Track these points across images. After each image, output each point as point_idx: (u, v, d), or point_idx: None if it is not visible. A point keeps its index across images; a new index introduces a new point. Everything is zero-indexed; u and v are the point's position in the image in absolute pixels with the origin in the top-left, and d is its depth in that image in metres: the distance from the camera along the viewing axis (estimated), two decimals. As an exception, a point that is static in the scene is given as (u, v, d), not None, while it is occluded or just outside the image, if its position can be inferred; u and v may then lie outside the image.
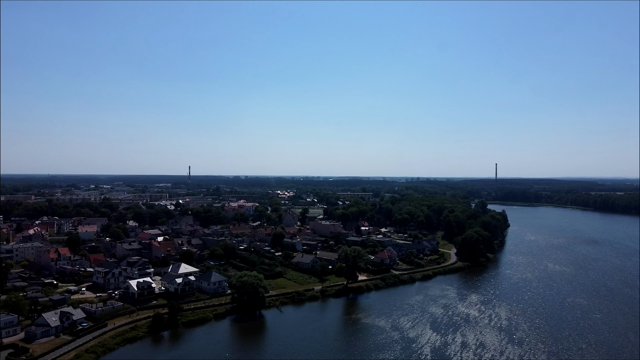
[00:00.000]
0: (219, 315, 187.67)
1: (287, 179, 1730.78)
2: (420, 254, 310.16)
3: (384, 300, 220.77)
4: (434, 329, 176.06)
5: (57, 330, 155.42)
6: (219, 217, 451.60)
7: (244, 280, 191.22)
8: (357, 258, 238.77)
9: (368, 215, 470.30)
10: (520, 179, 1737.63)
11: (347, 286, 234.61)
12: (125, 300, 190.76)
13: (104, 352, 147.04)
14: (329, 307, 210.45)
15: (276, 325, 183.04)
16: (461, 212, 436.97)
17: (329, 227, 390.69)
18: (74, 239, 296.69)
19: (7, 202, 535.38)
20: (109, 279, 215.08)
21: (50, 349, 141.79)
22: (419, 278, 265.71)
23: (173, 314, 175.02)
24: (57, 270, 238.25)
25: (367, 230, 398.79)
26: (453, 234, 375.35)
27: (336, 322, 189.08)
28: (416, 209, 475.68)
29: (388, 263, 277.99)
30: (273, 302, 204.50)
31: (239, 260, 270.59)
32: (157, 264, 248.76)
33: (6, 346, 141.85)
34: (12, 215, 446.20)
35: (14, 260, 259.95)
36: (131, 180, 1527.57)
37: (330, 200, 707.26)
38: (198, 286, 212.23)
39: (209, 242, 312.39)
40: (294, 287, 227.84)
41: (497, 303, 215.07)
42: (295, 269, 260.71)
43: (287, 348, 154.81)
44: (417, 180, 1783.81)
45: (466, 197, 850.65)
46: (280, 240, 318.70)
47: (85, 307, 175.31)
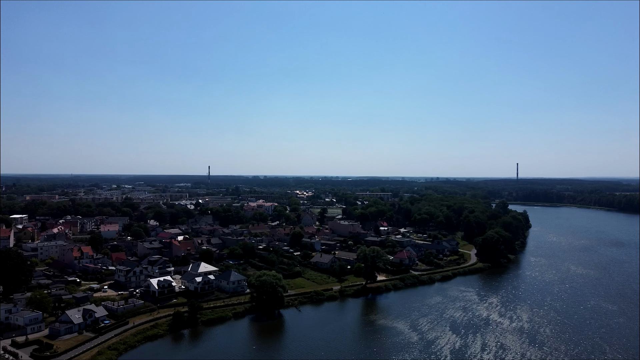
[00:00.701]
0: (238, 314, 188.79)
1: (306, 179, 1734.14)
2: (439, 255, 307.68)
3: (403, 301, 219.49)
4: (453, 331, 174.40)
5: (80, 327, 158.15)
6: (238, 216, 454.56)
7: (263, 280, 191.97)
8: (376, 258, 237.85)
9: (387, 216, 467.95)
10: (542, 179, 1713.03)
11: (365, 286, 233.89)
12: (146, 299, 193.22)
13: (126, 349, 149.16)
14: (348, 307, 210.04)
15: (295, 324, 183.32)
16: (481, 213, 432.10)
17: (348, 227, 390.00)
18: (97, 237, 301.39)
19: (32, 202, 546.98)
20: (131, 278, 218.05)
21: (73, 345, 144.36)
22: (439, 279, 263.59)
23: (193, 312, 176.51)
24: (80, 269, 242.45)
25: (386, 231, 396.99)
26: (473, 235, 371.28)
27: (355, 322, 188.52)
28: (436, 209, 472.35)
29: (407, 263, 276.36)
30: (292, 302, 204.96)
31: (257, 259, 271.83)
32: (177, 262, 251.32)
33: (31, 342, 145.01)
34: (37, 215, 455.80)
35: (39, 259, 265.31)
36: (152, 180, 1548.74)
37: (349, 200, 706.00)
38: (217, 285, 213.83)
39: (228, 241, 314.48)
40: (313, 286, 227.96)
41: (518, 305, 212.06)
42: (313, 268, 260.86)
43: (305, 348, 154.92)
44: (436, 180, 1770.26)
45: (486, 197, 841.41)
46: (299, 240, 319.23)
47: (107, 305, 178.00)
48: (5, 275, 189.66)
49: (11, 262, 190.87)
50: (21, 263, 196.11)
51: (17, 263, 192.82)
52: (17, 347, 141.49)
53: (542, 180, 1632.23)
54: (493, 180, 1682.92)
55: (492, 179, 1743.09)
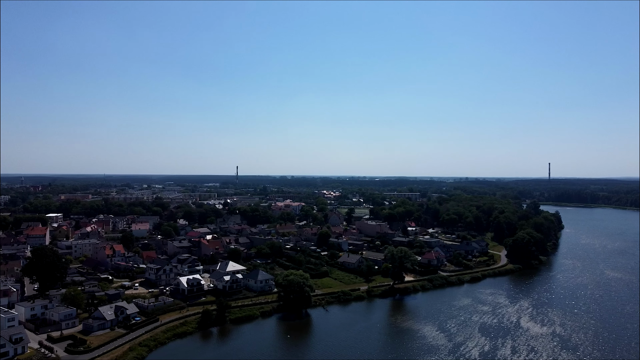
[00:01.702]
0: (266, 313, 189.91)
1: (333, 179, 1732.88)
2: (468, 256, 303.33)
3: (431, 302, 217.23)
4: (482, 333, 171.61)
5: (112, 323, 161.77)
6: (266, 216, 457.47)
7: (291, 279, 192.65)
8: (404, 258, 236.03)
9: (415, 216, 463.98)
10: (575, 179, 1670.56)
11: (393, 287, 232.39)
12: (175, 296, 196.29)
13: (156, 346, 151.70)
14: (375, 308, 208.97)
15: (322, 324, 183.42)
16: (512, 213, 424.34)
17: (375, 227, 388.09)
18: (128, 236, 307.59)
19: (67, 201, 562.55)
20: (161, 276, 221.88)
21: (105, 341, 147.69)
22: (468, 280, 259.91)
23: (221, 310, 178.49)
24: (112, 266, 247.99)
25: (413, 231, 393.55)
26: (503, 236, 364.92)
27: (382, 322, 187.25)
28: (464, 209, 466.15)
29: (435, 264, 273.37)
30: (319, 301, 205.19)
31: (285, 259, 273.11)
32: (206, 261, 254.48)
33: (66, 337, 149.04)
34: (71, 213, 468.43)
35: (73, 256, 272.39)
36: (181, 180, 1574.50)
37: (376, 200, 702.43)
38: (245, 284, 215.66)
39: (256, 240, 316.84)
40: (340, 286, 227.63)
41: (550, 308, 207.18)
42: (341, 268, 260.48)
43: (332, 348, 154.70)
44: (465, 180, 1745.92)
45: (517, 197, 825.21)
46: (326, 240, 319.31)
47: (138, 302, 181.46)
48: (42, 272, 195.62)
49: (47, 260, 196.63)
50: (56, 260, 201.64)
51: (52, 260, 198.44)
52: (53, 341, 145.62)
53: (575, 180, 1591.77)
54: (524, 180, 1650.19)
55: (523, 179, 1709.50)
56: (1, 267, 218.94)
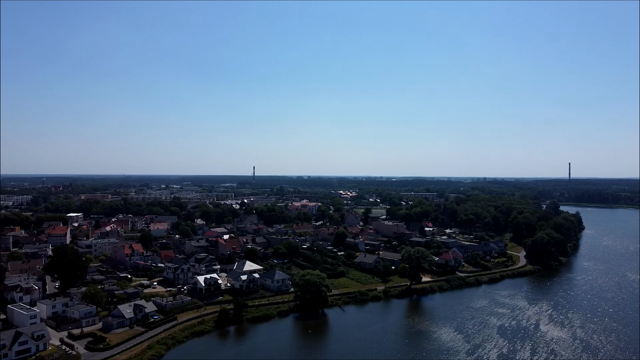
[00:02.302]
0: (283, 313, 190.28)
1: (350, 179, 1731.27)
2: (486, 256, 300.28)
3: (448, 303, 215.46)
4: (501, 335, 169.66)
5: (131, 321, 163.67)
6: (283, 216, 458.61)
7: (307, 279, 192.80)
8: (421, 259, 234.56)
9: (432, 216, 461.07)
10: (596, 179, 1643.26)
11: (410, 287, 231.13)
12: (193, 295, 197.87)
13: (174, 344, 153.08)
14: (392, 308, 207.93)
15: (338, 324, 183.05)
16: (531, 214, 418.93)
17: (392, 228, 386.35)
18: (147, 235, 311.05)
19: (87, 201, 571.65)
20: (178, 275, 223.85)
21: (125, 339, 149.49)
22: (486, 281, 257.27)
23: (238, 309, 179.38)
24: (131, 265, 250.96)
25: (431, 231, 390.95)
26: (522, 236, 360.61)
27: (399, 323, 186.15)
28: (482, 209, 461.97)
29: (453, 265, 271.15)
30: (335, 301, 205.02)
31: (302, 259, 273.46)
32: (223, 261, 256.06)
33: (86, 334, 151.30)
34: (91, 213, 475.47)
35: (93, 255, 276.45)
36: (199, 180, 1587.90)
37: (393, 200, 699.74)
38: (262, 283, 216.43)
39: (273, 240, 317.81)
40: (357, 286, 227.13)
41: (570, 310, 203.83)
42: (357, 268, 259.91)
43: (348, 348, 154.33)
44: (483, 180, 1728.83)
45: (536, 198, 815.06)
46: (342, 240, 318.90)
47: (156, 301, 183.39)
48: (63, 271, 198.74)
49: (68, 258, 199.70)
50: (77, 259, 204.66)
51: (73, 259, 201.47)
52: (73, 339, 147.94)
53: (596, 180, 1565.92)
54: (543, 180, 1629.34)
55: (542, 179, 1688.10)
56: (24, 265, 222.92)
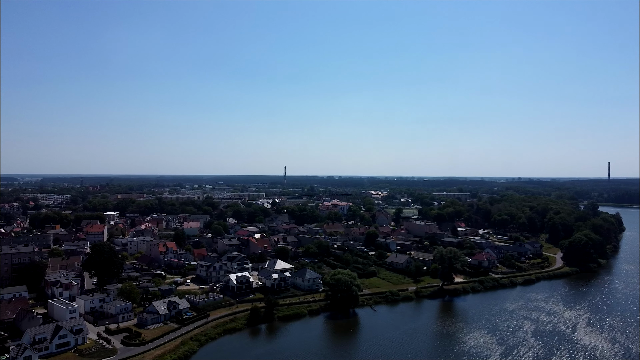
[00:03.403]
0: (313, 312, 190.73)
1: (381, 179, 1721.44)
2: (521, 257, 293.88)
3: (481, 304, 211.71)
4: (536, 337, 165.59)
5: (165, 318, 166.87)
6: (313, 215, 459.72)
7: (338, 278, 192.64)
8: (453, 259, 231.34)
9: (465, 216, 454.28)
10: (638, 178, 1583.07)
11: (442, 288, 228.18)
12: (225, 293, 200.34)
13: (207, 340, 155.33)
14: (424, 309, 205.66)
15: (369, 324, 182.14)
16: (568, 214, 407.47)
17: (424, 228, 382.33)
18: (180, 234, 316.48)
19: (123, 200, 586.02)
20: (211, 273, 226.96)
21: (159, 334, 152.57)
22: (520, 282, 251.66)
23: (269, 308, 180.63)
24: (165, 263, 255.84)
25: (463, 232, 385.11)
26: (559, 237, 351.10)
27: (430, 323, 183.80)
28: (517, 210, 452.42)
29: (486, 265, 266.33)
30: (366, 301, 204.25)
31: (332, 258, 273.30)
32: (255, 259, 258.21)
33: (122, 330, 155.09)
34: (126, 212, 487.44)
35: (129, 253, 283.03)
36: (231, 180, 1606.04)
37: (424, 200, 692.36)
38: (293, 282, 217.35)
39: (304, 240, 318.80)
40: (388, 286, 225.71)
41: (610, 314, 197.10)
42: (388, 268, 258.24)
43: (379, 348, 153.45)
44: (518, 180, 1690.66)
45: (574, 198, 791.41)
46: (373, 240, 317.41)
47: (189, 298, 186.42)
48: (100, 267, 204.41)
49: (105, 256, 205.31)
50: (113, 256, 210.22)
51: (109, 256, 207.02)
52: (110, 333, 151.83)
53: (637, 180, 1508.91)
54: (581, 180, 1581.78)
55: (580, 179, 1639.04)
56: (63, 262, 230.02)
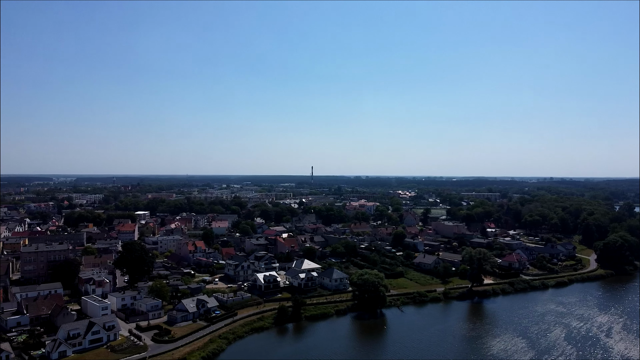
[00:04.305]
0: (340, 312, 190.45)
1: (409, 179, 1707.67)
2: (553, 259, 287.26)
3: (511, 307, 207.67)
4: (569, 341, 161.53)
5: (194, 315, 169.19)
6: (340, 215, 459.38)
7: (365, 278, 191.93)
8: (483, 260, 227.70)
9: (494, 217, 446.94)
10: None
11: (471, 289, 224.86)
12: (252, 292, 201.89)
13: (234, 339, 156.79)
14: (452, 310, 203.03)
15: (396, 324, 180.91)
16: (602, 215, 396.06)
17: (452, 228, 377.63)
18: (209, 233, 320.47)
19: (153, 200, 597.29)
20: (239, 272, 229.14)
21: (188, 332, 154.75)
22: (552, 285, 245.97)
23: (297, 307, 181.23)
24: (194, 262, 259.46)
25: (493, 232, 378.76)
26: (593, 239, 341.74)
27: (459, 325, 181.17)
28: (549, 210, 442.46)
29: (517, 267, 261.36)
30: (394, 302, 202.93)
31: (359, 258, 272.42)
32: (282, 259, 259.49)
33: (152, 327, 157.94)
34: (157, 211, 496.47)
35: (159, 251, 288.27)
36: (258, 180, 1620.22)
37: (453, 200, 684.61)
38: (320, 282, 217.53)
39: (331, 239, 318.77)
40: (415, 287, 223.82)
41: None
42: (416, 269, 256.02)
43: (406, 349, 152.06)
44: (550, 180, 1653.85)
45: (608, 198, 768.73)
46: (401, 240, 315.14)
47: (217, 297, 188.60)
48: (131, 265, 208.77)
49: (136, 254, 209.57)
50: (144, 255, 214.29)
51: (140, 255, 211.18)
52: (141, 330, 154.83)
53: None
54: (616, 180, 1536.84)
55: (615, 179, 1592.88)
56: (96, 259, 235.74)
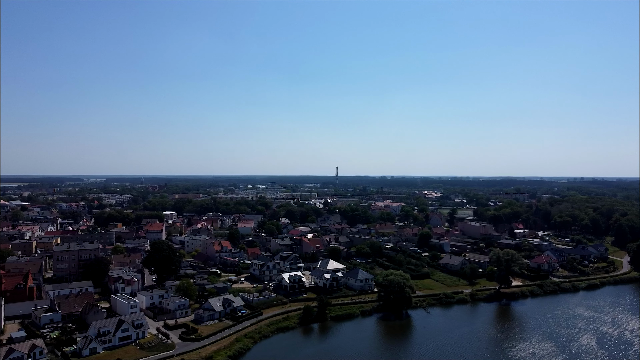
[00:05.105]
0: (366, 312, 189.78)
1: (434, 179, 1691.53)
2: (584, 261, 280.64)
3: (541, 309, 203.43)
4: (600, 346, 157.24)
5: (220, 315, 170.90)
6: (365, 216, 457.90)
7: (391, 279, 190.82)
8: (511, 262, 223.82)
9: (523, 217, 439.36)
10: None
11: (499, 291, 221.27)
12: (278, 292, 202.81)
13: (260, 338, 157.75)
14: (479, 312, 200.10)
15: (422, 326, 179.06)
16: (636, 216, 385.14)
17: (479, 229, 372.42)
18: (234, 233, 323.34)
19: (180, 200, 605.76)
20: (264, 271, 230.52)
21: (214, 331, 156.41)
22: (583, 287, 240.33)
23: (322, 307, 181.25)
24: (220, 261, 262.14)
25: (521, 233, 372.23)
26: (626, 240, 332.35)
27: (486, 328, 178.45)
28: (580, 211, 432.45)
29: (546, 269, 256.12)
30: (420, 303, 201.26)
31: (385, 259, 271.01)
32: (307, 259, 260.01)
33: (179, 325, 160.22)
34: (184, 211, 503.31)
35: (186, 251, 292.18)
36: (283, 180, 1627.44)
37: (480, 201, 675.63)
38: (345, 282, 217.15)
39: (356, 240, 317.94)
40: (442, 288, 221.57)
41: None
42: (442, 270, 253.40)
43: (432, 351, 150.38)
44: (580, 180, 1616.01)
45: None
46: (427, 241, 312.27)
47: (243, 296, 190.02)
48: (159, 265, 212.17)
49: (163, 253, 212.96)
50: (172, 254, 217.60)
51: (168, 254, 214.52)
52: (168, 328, 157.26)
53: None
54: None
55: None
56: (125, 258, 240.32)
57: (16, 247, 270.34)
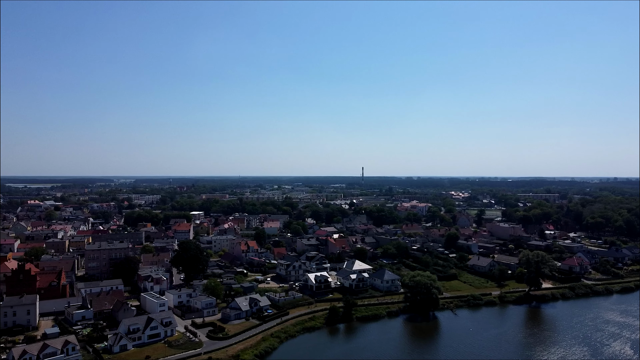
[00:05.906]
0: (392, 313, 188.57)
1: (462, 180, 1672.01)
2: (618, 263, 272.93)
3: (572, 312, 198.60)
4: (635, 351, 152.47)
5: (247, 314, 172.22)
6: (392, 216, 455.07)
7: (417, 280, 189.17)
8: (541, 263, 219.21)
9: (553, 218, 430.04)
10: None
11: (528, 293, 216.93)
12: (304, 292, 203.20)
13: (286, 337, 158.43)
14: (508, 314, 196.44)
15: (449, 328, 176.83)
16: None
17: (508, 230, 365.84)
18: (261, 233, 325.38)
19: (207, 200, 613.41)
20: (290, 271, 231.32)
21: (241, 330, 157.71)
22: (617, 290, 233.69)
23: (348, 308, 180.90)
24: (247, 261, 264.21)
25: (552, 235, 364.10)
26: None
27: (515, 331, 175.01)
28: (613, 212, 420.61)
29: (578, 271, 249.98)
30: (447, 304, 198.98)
31: (411, 260, 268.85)
32: (333, 259, 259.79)
33: (207, 324, 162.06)
34: (211, 211, 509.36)
35: (213, 250, 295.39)
36: (309, 181, 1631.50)
37: (509, 201, 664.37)
38: (371, 283, 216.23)
39: (382, 240, 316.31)
40: (469, 290, 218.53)
41: None
42: (470, 271, 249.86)
43: (459, 353, 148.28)
44: (613, 180, 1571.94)
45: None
46: (454, 242, 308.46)
47: (269, 296, 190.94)
48: (187, 264, 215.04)
49: (191, 253, 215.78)
50: (199, 254, 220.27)
51: (196, 254, 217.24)
52: (196, 327, 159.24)
53: None
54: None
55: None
56: (154, 257, 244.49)
57: (50, 245, 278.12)
